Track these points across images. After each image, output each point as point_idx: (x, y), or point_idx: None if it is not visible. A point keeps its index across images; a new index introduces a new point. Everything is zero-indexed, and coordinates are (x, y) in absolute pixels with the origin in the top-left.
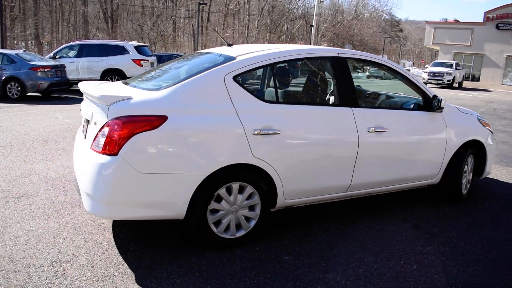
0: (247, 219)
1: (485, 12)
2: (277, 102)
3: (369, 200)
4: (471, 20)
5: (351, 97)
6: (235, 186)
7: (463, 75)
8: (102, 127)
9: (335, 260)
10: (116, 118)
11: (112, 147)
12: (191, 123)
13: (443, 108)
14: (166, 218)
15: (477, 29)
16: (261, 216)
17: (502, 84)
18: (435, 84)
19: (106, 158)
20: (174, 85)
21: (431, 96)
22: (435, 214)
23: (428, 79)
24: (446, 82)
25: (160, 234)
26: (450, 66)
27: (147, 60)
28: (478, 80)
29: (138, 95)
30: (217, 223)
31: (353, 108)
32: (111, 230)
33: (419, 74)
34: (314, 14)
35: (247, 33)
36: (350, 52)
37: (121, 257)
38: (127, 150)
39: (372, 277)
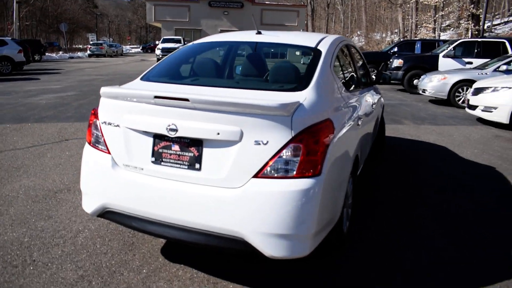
0: None
1: None
2: (350, 89)
3: None
4: None
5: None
6: (351, 179)
7: None
8: (287, 145)
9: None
10: (307, 130)
11: (313, 166)
12: (340, 122)
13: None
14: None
15: (193, 6)
16: (352, 202)
17: None
18: None
19: (307, 182)
20: (308, 83)
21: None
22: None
23: (162, 54)
24: None
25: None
26: (179, 41)
27: None
28: None
29: (294, 99)
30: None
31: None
32: (232, 268)
33: (126, 50)
34: None
35: None
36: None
37: None
38: (327, 166)
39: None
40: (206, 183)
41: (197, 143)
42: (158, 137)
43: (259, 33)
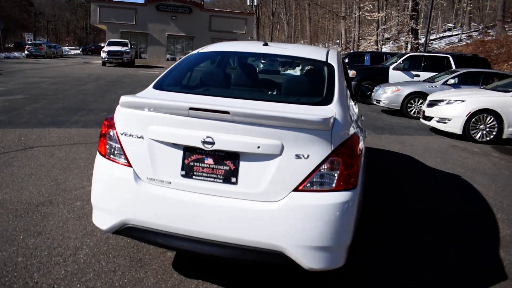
0: None
1: None
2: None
3: None
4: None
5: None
6: None
7: (135, 53)
8: (327, 159)
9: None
10: (344, 144)
11: (351, 179)
12: (358, 135)
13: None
14: None
15: (140, 9)
16: None
17: (167, 60)
18: (115, 62)
19: (346, 195)
20: (331, 97)
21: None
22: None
23: (108, 58)
24: (126, 61)
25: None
26: (125, 44)
27: None
28: (146, 57)
29: (330, 113)
30: None
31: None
32: None
33: (66, 52)
34: None
35: None
36: None
37: None
38: (360, 178)
39: None
40: (242, 197)
41: (233, 157)
42: (189, 150)
43: (265, 44)
